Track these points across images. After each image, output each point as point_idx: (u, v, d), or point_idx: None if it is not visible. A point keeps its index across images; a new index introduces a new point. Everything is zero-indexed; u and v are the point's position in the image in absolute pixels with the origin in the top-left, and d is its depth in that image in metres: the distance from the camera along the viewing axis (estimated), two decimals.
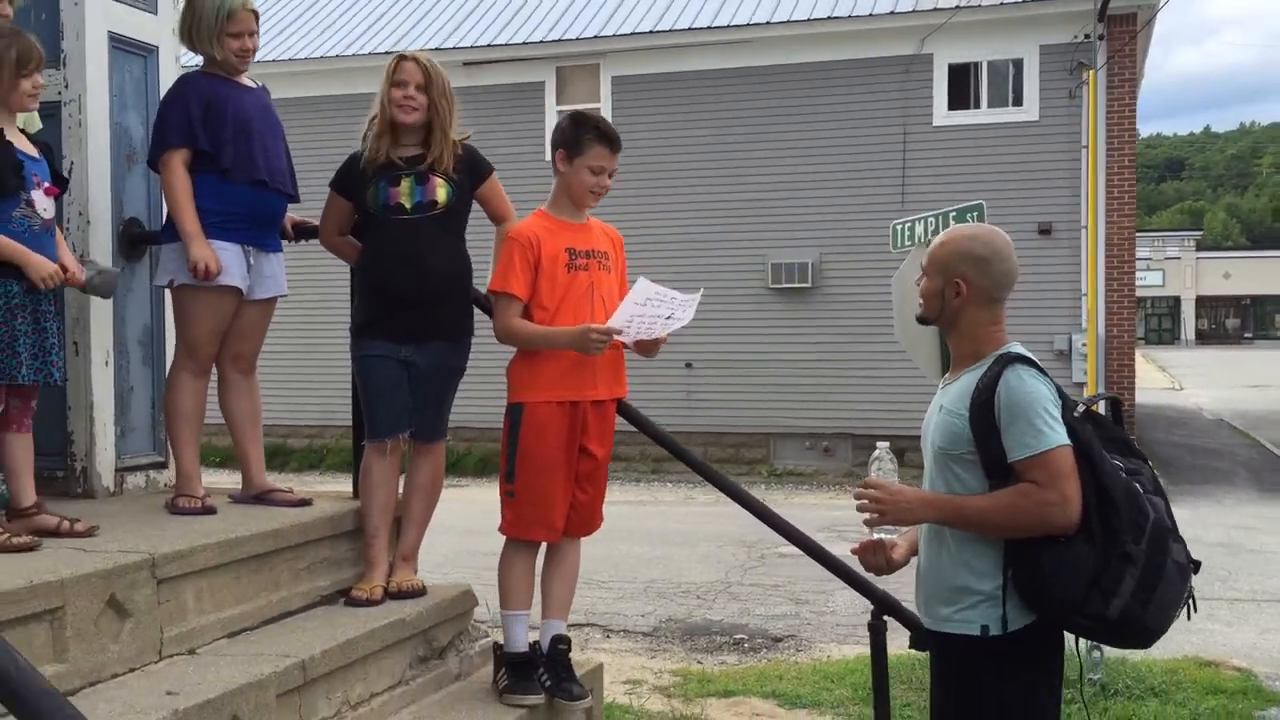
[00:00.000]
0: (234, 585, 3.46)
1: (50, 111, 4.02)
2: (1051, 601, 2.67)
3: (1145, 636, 2.73)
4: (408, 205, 3.85)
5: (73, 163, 4.08)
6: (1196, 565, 2.78)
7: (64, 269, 3.39)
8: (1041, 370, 2.77)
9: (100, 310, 4.11)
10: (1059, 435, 2.66)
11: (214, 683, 2.94)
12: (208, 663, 3.13)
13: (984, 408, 2.71)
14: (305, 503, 4.03)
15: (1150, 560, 2.63)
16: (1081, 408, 2.74)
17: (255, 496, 4.07)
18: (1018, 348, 2.82)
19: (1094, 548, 2.62)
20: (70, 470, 4.11)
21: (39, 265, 3.29)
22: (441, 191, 3.87)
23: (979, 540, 2.75)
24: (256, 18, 4.02)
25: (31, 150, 3.42)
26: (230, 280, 3.89)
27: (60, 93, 4.06)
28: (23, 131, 3.49)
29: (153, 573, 3.12)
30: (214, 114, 3.87)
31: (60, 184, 3.56)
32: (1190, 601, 2.74)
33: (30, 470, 3.38)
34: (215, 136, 3.87)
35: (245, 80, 4.08)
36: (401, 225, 3.85)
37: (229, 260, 3.88)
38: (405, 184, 3.85)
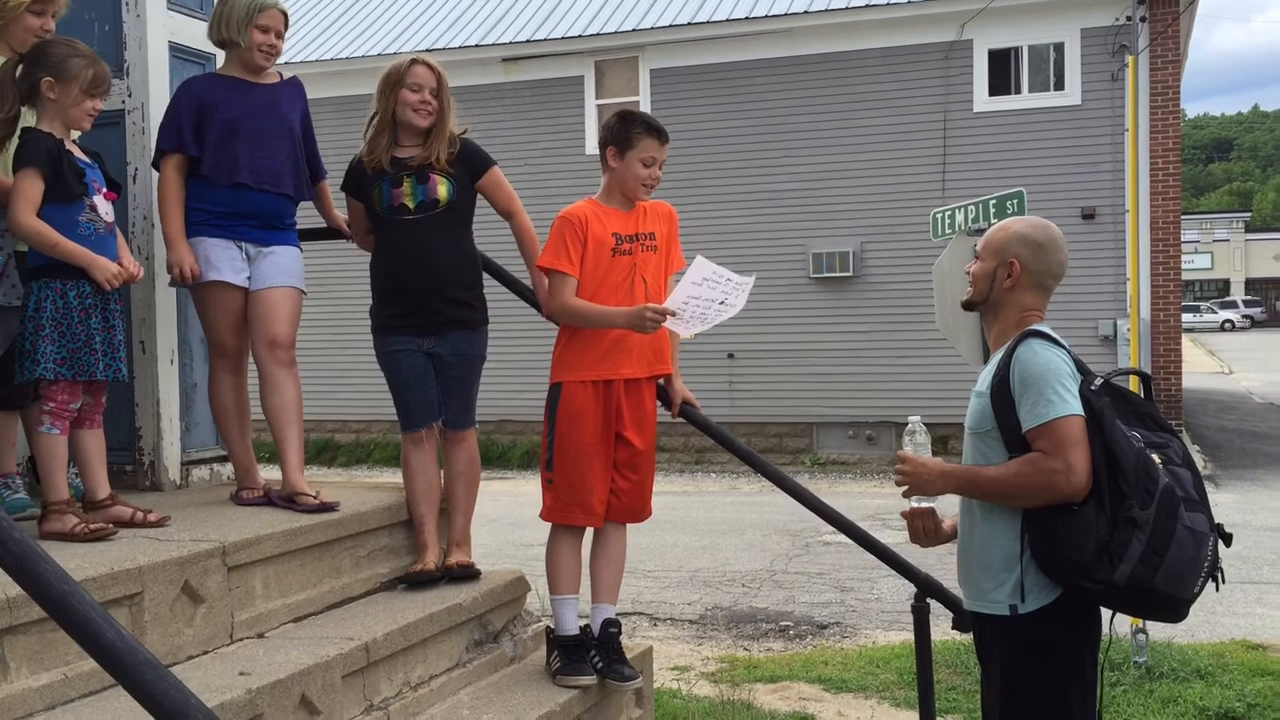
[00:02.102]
0: (298, 572, 3.61)
1: (114, 120, 4.18)
2: (1063, 566, 2.74)
3: (1168, 605, 2.75)
4: (411, 205, 3.97)
5: (137, 168, 4.24)
6: (1227, 538, 2.81)
7: (124, 268, 3.53)
8: (1058, 343, 2.84)
9: (166, 312, 4.27)
10: (1068, 405, 2.72)
11: (283, 664, 3.08)
12: (276, 645, 3.28)
13: (1002, 383, 2.82)
14: (327, 508, 3.86)
15: (1158, 525, 2.66)
16: (1099, 380, 2.79)
17: (285, 498, 3.95)
18: (1039, 326, 2.90)
19: (1103, 513, 2.69)
20: (139, 464, 4.27)
21: (103, 267, 3.42)
22: (443, 189, 3.99)
23: (1002, 516, 2.84)
24: (286, 21, 4.06)
25: (85, 158, 3.56)
26: (219, 276, 3.95)
27: (124, 101, 4.22)
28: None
29: (223, 560, 3.27)
30: (205, 117, 3.94)
31: (115, 189, 3.70)
32: (1218, 572, 2.77)
33: (103, 464, 3.54)
34: (201, 141, 3.94)
35: (266, 77, 4.10)
36: (407, 225, 3.97)
37: (219, 256, 3.96)
38: (407, 184, 3.97)
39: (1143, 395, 2.97)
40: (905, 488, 2.97)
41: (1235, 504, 11.30)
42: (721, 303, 3.77)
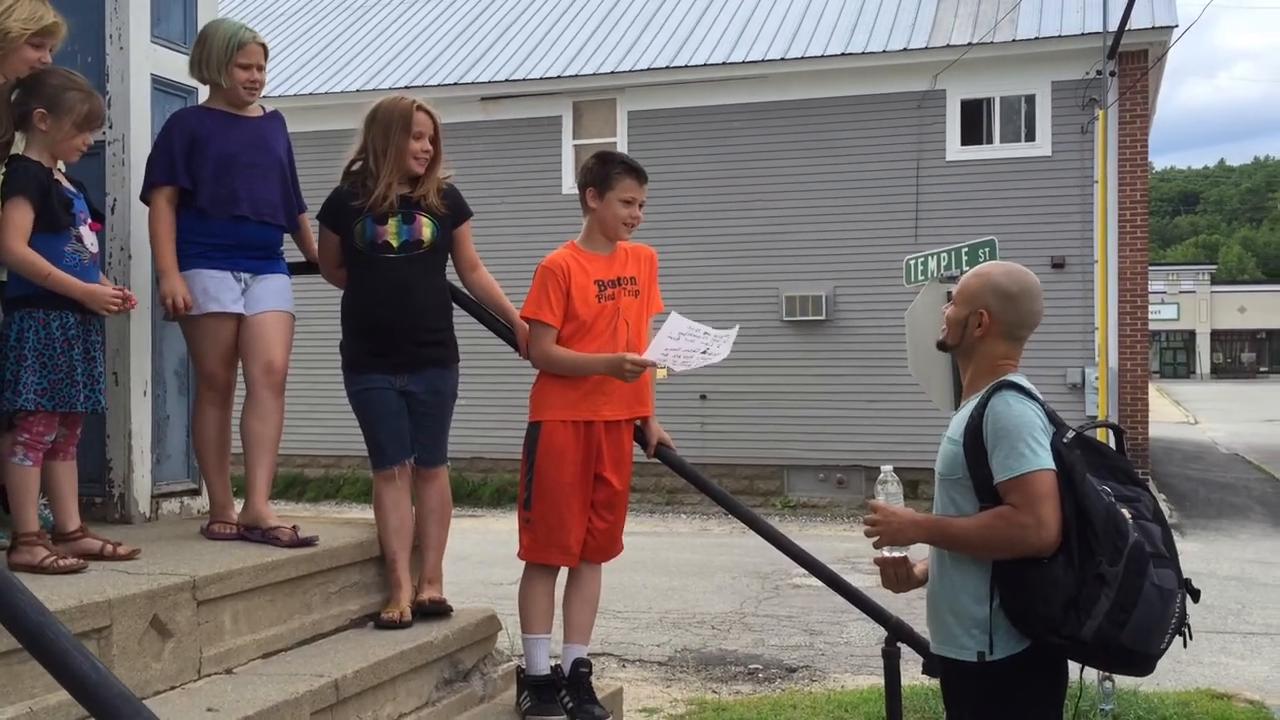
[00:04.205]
0: (269, 608, 3.58)
1: (95, 151, 4.16)
2: (1031, 620, 2.74)
3: (1135, 661, 2.75)
4: (394, 244, 3.99)
5: (116, 200, 4.24)
6: (1195, 594, 2.81)
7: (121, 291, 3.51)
8: (1032, 396, 2.84)
9: (140, 343, 4.26)
10: (1040, 459, 2.73)
11: (251, 700, 3.06)
12: (245, 681, 3.25)
13: (975, 433, 2.82)
14: (305, 543, 3.83)
15: (1126, 582, 2.66)
16: (1071, 433, 2.80)
17: (251, 526, 3.89)
18: (1014, 377, 2.90)
19: (1072, 568, 2.69)
20: (108, 496, 4.24)
21: (99, 293, 3.41)
22: (427, 230, 4.02)
23: (972, 564, 2.85)
24: (266, 52, 4.10)
25: (71, 188, 3.56)
26: (218, 307, 3.96)
27: (105, 133, 4.21)
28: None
29: (193, 594, 3.25)
30: (197, 151, 3.95)
31: (100, 219, 3.70)
32: (1185, 629, 2.76)
33: (75, 496, 3.51)
34: (196, 174, 3.95)
35: (251, 110, 4.13)
36: (388, 263, 3.99)
37: (218, 288, 3.97)
38: (392, 223, 3.99)
39: (1115, 448, 2.96)
40: (875, 537, 2.96)
41: (1200, 553, 11.39)
42: (704, 352, 3.82)
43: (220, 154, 3.97)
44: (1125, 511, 2.75)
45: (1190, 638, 2.82)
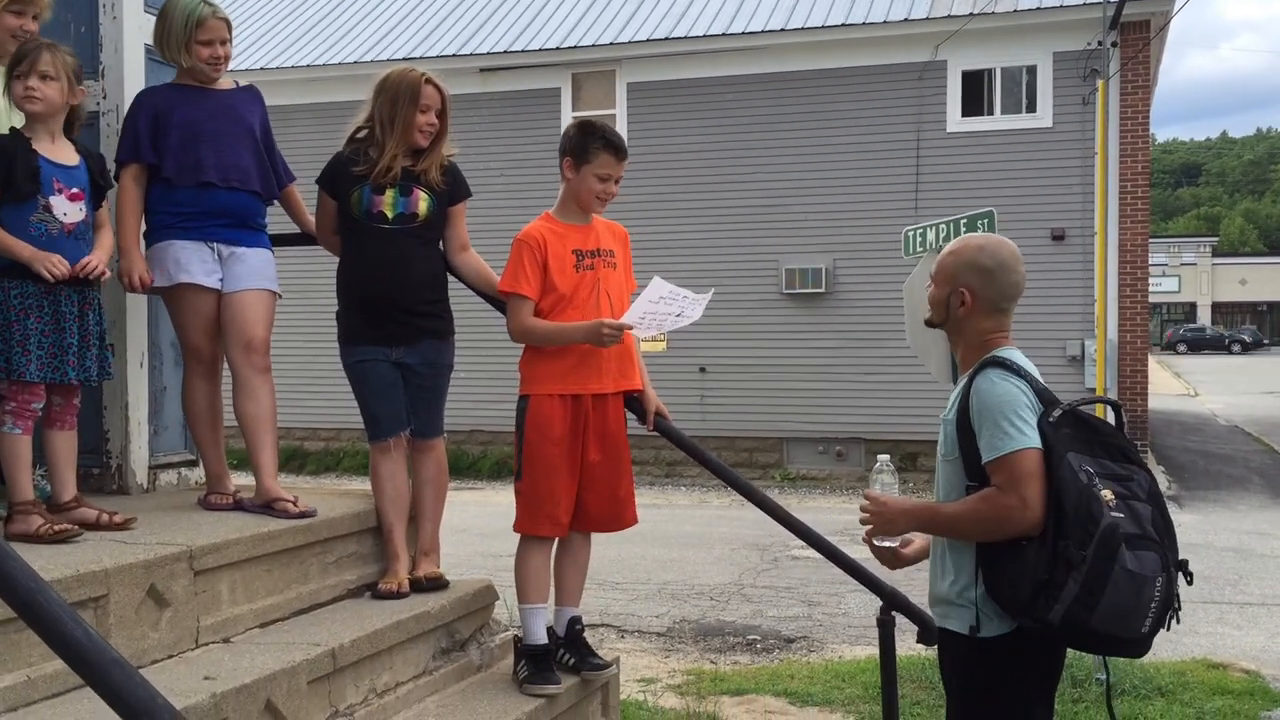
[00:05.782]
0: (266, 577, 3.59)
1: (89, 121, 4.14)
2: (1005, 602, 2.74)
3: (1113, 644, 2.71)
4: (389, 215, 3.97)
5: (112, 170, 4.21)
6: (1189, 576, 2.77)
7: (87, 264, 3.42)
8: (1017, 373, 2.81)
9: (136, 314, 4.25)
10: (1024, 438, 2.70)
11: (249, 669, 3.07)
12: (242, 650, 3.26)
13: (963, 413, 2.82)
14: (308, 514, 3.86)
15: (1094, 566, 2.60)
16: (1058, 411, 2.74)
17: (263, 505, 3.91)
18: (1005, 352, 2.88)
19: (1045, 551, 2.66)
20: (105, 467, 4.24)
21: (43, 259, 3.32)
22: (423, 204, 4.01)
23: (964, 543, 2.85)
24: (229, 26, 4.03)
25: (67, 159, 3.51)
26: (190, 278, 3.92)
27: (99, 103, 4.21)
28: (71, 140, 3.59)
29: (190, 564, 3.26)
30: (161, 125, 3.91)
31: (97, 190, 3.65)
32: (1172, 613, 2.71)
33: (72, 466, 3.51)
34: (160, 146, 3.91)
35: (221, 84, 4.08)
36: (382, 234, 3.97)
37: (189, 258, 3.93)
38: (390, 194, 3.97)
39: (1114, 425, 2.90)
40: (869, 527, 2.98)
41: (1198, 525, 11.43)
42: (678, 315, 3.82)
43: (184, 122, 3.92)
44: (1108, 492, 2.67)
45: (1177, 621, 2.77)
